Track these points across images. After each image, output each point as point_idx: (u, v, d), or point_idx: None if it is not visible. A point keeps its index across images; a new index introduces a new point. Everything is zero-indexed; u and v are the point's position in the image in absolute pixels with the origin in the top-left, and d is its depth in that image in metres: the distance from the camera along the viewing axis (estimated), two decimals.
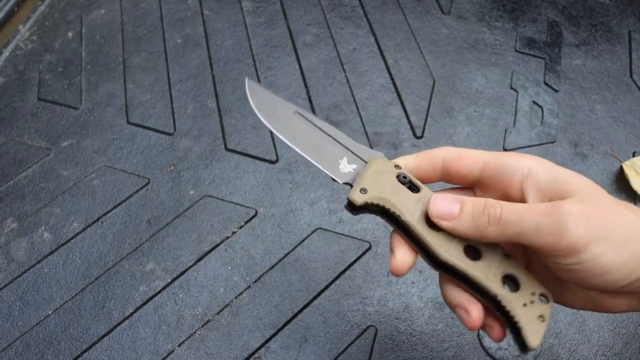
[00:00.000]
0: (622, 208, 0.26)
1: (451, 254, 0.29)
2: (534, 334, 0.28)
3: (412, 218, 0.30)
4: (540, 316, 0.28)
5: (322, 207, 0.61)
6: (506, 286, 0.29)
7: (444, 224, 0.28)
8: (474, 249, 0.30)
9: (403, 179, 0.31)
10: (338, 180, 0.33)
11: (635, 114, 0.69)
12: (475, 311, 0.29)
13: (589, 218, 0.25)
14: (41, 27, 0.80)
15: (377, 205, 0.31)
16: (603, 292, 0.29)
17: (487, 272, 0.29)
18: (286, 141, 0.35)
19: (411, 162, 0.32)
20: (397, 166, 0.32)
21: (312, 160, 0.34)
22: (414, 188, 0.31)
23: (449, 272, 0.30)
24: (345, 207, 0.32)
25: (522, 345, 0.28)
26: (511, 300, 0.28)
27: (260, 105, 0.36)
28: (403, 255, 0.30)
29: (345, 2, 0.82)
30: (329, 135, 0.35)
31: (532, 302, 0.28)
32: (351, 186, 0.32)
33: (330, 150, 0.34)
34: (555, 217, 0.25)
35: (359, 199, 0.31)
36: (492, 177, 0.30)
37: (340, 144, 0.34)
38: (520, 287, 0.29)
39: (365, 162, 0.33)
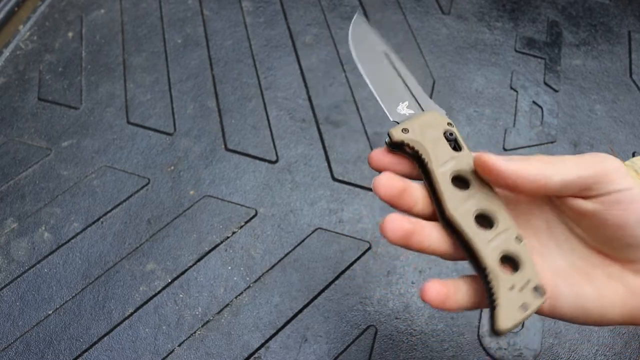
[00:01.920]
0: None
1: (460, 213, 0.29)
2: (506, 318, 0.26)
3: (439, 169, 0.31)
4: (524, 304, 0.27)
5: (322, 207, 0.61)
6: (501, 265, 0.28)
7: (502, 165, 0.29)
8: (488, 219, 0.29)
9: (449, 136, 0.32)
10: (389, 117, 0.34)
11: (635, 114, 0.70)
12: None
13: (615, 159, 0.29)
14: (41, 27, 0.80)
15: (412, 148, 0.31)
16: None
17: (487, 243, 0.28)
18: (361, 70, 0.36)
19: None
20: (449, 124, 0.33)
21: (374, 92, 0.35)
22: (456, 147, 0.32)
23: (454, 232, 0.29)
24: (385, 142, 0.33)
25: (491, 325, 0.27)
26: (498, 278, 0.27)
27: (355, 35, 0.37)
28: (392, 177, 0.31)
29: (345, 2, 0.82)
30: (404, 80, 0.36)
31: (521, 288, 0.27)
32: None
33: (397, 90, 0.35)
34: (593, 155, 0.29)
35: (397, 135, 0.32)
36: None
37: (410, 91, 0.35)
38: (518, 272, 0.28)
39: (423, 110, 0.34)
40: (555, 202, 0.31)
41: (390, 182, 0.30)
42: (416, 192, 0.31)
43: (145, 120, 0.69)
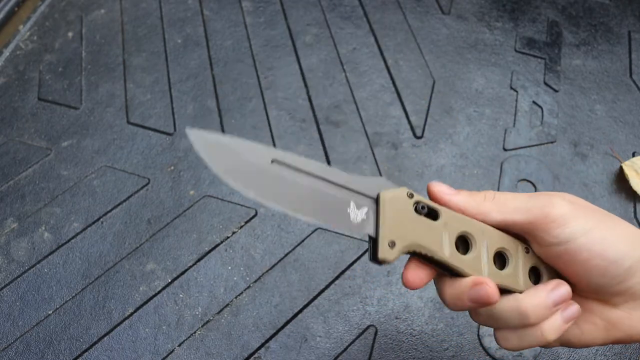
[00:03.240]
0: (597, 207, 0.29)
1: (486, 271, 0.30)
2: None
3: (445, 253, 0.29)
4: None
5: None
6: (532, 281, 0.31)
7: (446, 197, 0.29)
8: (499, 255, 0.31)
9: (421, 209, 0.29)
10: (357, 236, 0.29)
11: (635, 114, 0.69)
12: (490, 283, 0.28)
13: (571, 202, 0.28)
14: (41, 27, 0.80)
15: (411, 252, 0.29)
16: (613, 295, 0.28)
17: (516, 278, 0.30)
18: (281, 208, 0.27)
19: None
20: (409, 194, 0.29)
21: (320, 223, 0.29)
22: (433, 214, 0.29)
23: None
24: (373, 261, 0.28)
25: None
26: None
27: (224, 166, 0.26)
28: (417, 269, 0.29)
29: (345, 2, 0.82)
30: (322, 178, 0.28)
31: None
32: (372, 238, 0.28)
33: (333, 199, 0.27)
34: (542, 197, 0.28)
35: (391, 256, 0.27)
36: None
37: (339, 185, 0.28)
38: (541, 279, 0.31)
39: (373, 198, 0.29)
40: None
41: (417, 276, 0.29)
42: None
43: (145, 120, 0.69)
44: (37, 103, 0.71)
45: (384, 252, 0.27)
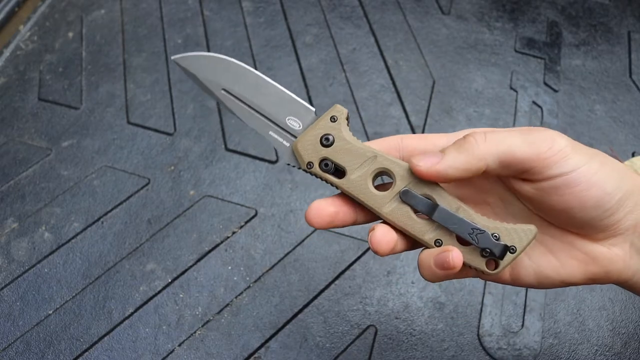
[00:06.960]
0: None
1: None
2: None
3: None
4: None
5: None
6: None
7: (437, 167, 0.28)
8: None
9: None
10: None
11: (635, 114, 0.70)
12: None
13: (566, 137, 0.27)
14: (42, 27, 0.80)
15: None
16: (599, 230, 0.28)
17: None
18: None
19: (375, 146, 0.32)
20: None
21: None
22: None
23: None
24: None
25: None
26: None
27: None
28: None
29: (345, 2, 0.82)
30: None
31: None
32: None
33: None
34: (539, 131, 0.27)
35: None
36: None
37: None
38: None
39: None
40: (504, 180, 0.30)
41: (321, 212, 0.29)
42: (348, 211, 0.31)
43: (146, 120, 0.69)
44: (37, 103, 0.71)
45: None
